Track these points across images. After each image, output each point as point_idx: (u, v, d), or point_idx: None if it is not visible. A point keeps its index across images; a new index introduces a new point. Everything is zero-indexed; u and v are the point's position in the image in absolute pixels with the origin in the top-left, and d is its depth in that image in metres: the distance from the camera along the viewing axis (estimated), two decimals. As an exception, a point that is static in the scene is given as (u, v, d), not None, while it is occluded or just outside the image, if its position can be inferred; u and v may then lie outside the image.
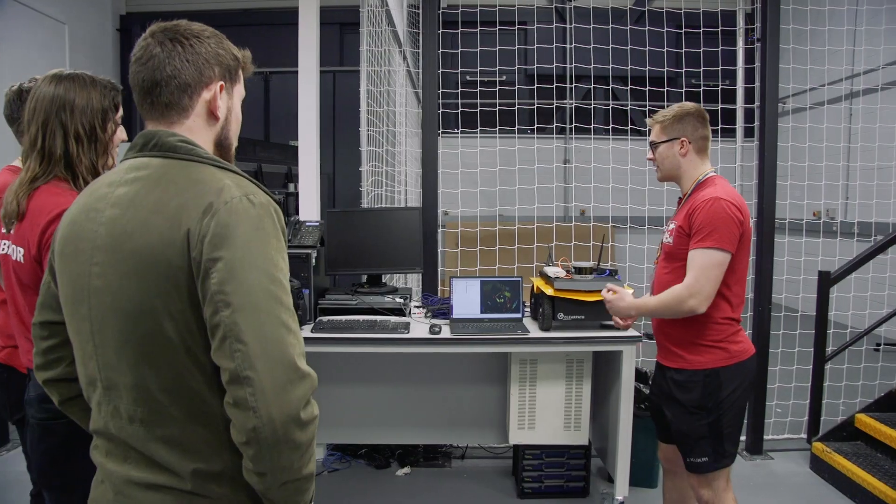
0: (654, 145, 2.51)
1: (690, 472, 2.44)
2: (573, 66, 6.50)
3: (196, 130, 1.28)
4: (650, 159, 2.56)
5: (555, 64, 6.47)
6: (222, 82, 1.30)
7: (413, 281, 5.48)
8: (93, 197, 1.24)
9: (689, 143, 2.44)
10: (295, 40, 3.71)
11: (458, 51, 6.10)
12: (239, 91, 1.37)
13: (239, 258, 1.10)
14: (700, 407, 2.37)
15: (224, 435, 1.16)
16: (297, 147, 3.82)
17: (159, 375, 1.15)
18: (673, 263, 2.40)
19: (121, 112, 1.90)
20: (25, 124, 1.82)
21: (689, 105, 2.48)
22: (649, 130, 2.58)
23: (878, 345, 5.12)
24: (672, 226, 2.44)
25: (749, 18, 8.53)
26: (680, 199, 2.55)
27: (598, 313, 3.04)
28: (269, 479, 1.11)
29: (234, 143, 1.38)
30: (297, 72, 3.75)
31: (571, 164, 8.95)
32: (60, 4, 6.99)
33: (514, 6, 6.53)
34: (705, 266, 2.25)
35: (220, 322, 1.08)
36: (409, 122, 6.51)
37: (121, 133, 1.91)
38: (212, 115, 1.29)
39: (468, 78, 6.42)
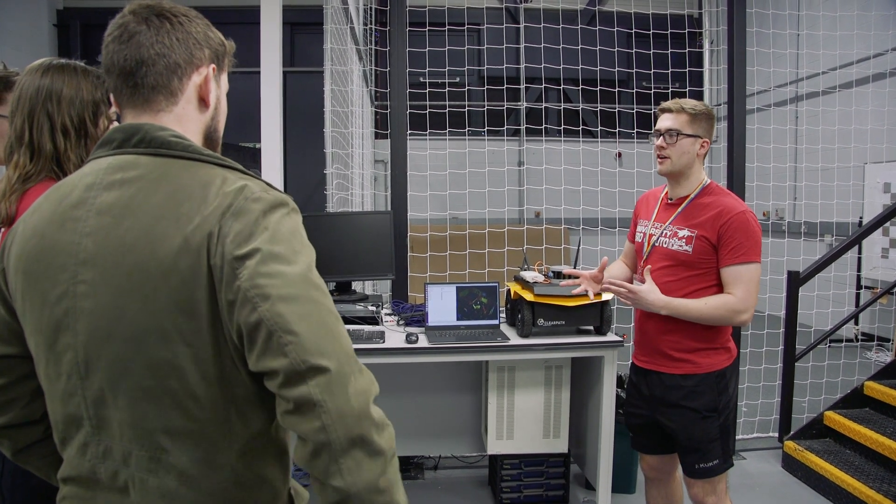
0: (677, 134, 2.33)
1: (698, 478, 2.40)
2: (526, 66, 6.49)
3: (185, 119, 1.10)
4: (662, 147, 2.36)
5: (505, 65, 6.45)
6: (213, 65, 1.14)
7: (369, 287, 5.33)
8: (64, 204, 1.04)
9: (708, 144, 2.40)
10: (242, 40, 3.51)
11: (408, 51, 6.00)
12: (224, 81, 1.21)
13: (269, 251, 0.95)
14: (712, 409, 2.36)
15: (232, 492, 1.02)
16: (250, 148, 3.64)
17: (162, 413, 0.98)
18: (685, 272, 2.34)
19: (115, 107, 1.71)
20: (10, 116, 1.62)
21: (710, 108, 2.44)
22: (655, 116, 2.46)
23: (832, 341, 5.25)
24: (685, 232, 2.35)
25: (696, 23, 8.71)
26: (671, 200, 2.48)
27: (576, 318, 2.99)
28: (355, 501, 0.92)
29: (221, 138, 1.21)
30: (244, 72, 3.56)
31: (524, 167, 8.96)
32: (-11, -3, 6.61)
33: (465, 7, 6.47)
34: (753, 281, 2.27)
35: (260, 319, 0.92)
36: (363, 122, 6.37)
37: None
38: (202, 101, 1.13)
39: (420, 80, 6.33)
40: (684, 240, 2.35)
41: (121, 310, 0.97)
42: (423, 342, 2.94)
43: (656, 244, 2.45)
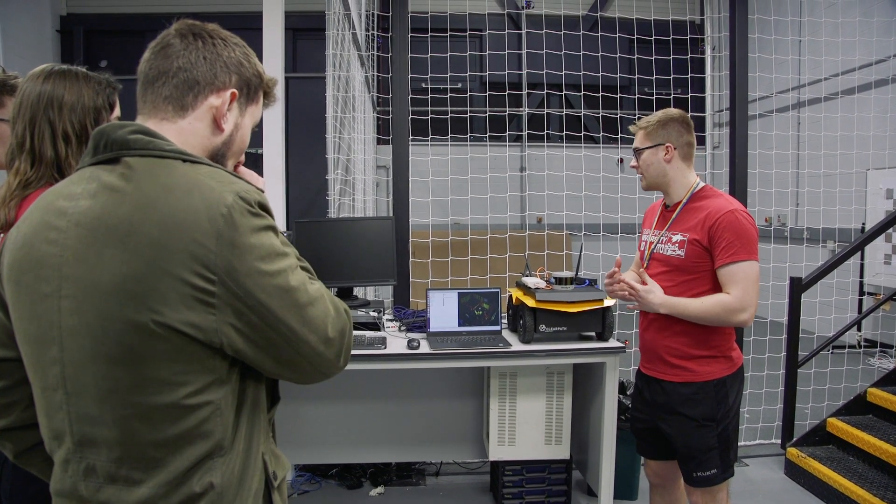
0: (637, 152, 2.45)
1: (696, 487, 2.38)
2: (528, 72, 6.49)
3: (189, 134, 1.09)
4: (634, 167, 2.49)
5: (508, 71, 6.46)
6: (235, 91, 1.13)
7: (371, 293, 5.33)
8: (49, 212, 1.03)
9: (675, 148, 2.38)
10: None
11: (410, 56, 6.00)
12: (253, 113, 1.20)
13: (259, 269, 0.99)
14: (710, 419, 2.33)
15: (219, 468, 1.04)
16: (252, 153, 3.64)
17: (154, 427, 0.99)
18: (680, 277, 2.34)
19: (117, 112, 1.69)
20: (11, 121, 1.61)
21: (673, 111, 2.44)
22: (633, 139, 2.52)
23: (834, 348, 5.23)
24: (678, 237, 2.36)
25: (698, 29, 8.73)
26: (666, 207, 2.49)
27: (578, 324, 2.98)
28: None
29: (230, 167, 1.20)
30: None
31: (526, 173, 8.97)
32: (-7, 3, 6.65)
33: (466, 13, 6.48)
34: (749, 279, 2.22)
35: (275, 336, 1.03)
36: (365, 128, 6.38)
37: None
38: (216, 124, 1.12)
39: (422, 85, 6.35)
40: (677, 244, 2.36)
41: (105, 330, 0.97)
42: (424, 348, 2.93)
43: (654, 251, 2.46)
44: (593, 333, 3.04)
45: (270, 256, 1.01)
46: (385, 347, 2.91)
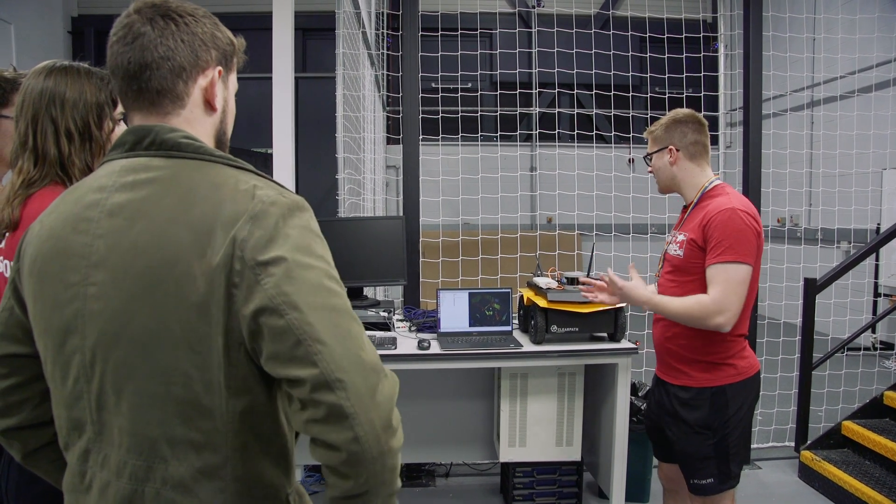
0: (647, 158, 2.46)
1: (694, 493, 2.34)
2: (538, 71, 6.46)
3: (194, 123, 1.08)
4: (650, 172, 2.49)
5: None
6: (220, 68, 1.11)
7: (381, 293, 5.32)
8: (79, 205, 1.02)
9: (677, 150, 2.35)
10: (254, 45, 3.50)
11: (420, 55, 5.98)
12: (233, 81, 1.17)
13: (292, 258, 0.94)
14: (706, 426, 2.27)
15: (231, 500, 1.00)
16: (262, 153, 3.64)
17: (165, 421, 0.97)
18: (681, 277, 2.30)
19: (120, 108, 1.66)
20: (14, 120, 1.60)
21: (681, 112, 2.41)
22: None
23: (849, 350, 5.17)
24: (681, 237, 2.32)
25: (711, 27, 8.67)
26: (685, 207, 2.46)
27: (590, 325, 2.96)
28: (370, 498, 0.95)
29: (229, 141, 1.19)
30: (255, 78, 3.56)
31: (537, 172, 8.93)
32: (5, 4, 6.66)
33: (477, 12, 6.46)
34: (731, 281, 2.13)
35: (288, 326, 0.91)
36: (375, 127, 6.37)
37: (120, 132, 1.69)
38: (208, 104, 1.10)
39: (433, 84, 6.32)
40: (678, 244, 2.33)
41: (130, 313, 0.96)
42: (435, 348, 2.92)
43: (666, 251, 2.43)
44: (605, 334, 3.02)
45: (306, 250, 0.97)
46: (395, 348, 2.90)
